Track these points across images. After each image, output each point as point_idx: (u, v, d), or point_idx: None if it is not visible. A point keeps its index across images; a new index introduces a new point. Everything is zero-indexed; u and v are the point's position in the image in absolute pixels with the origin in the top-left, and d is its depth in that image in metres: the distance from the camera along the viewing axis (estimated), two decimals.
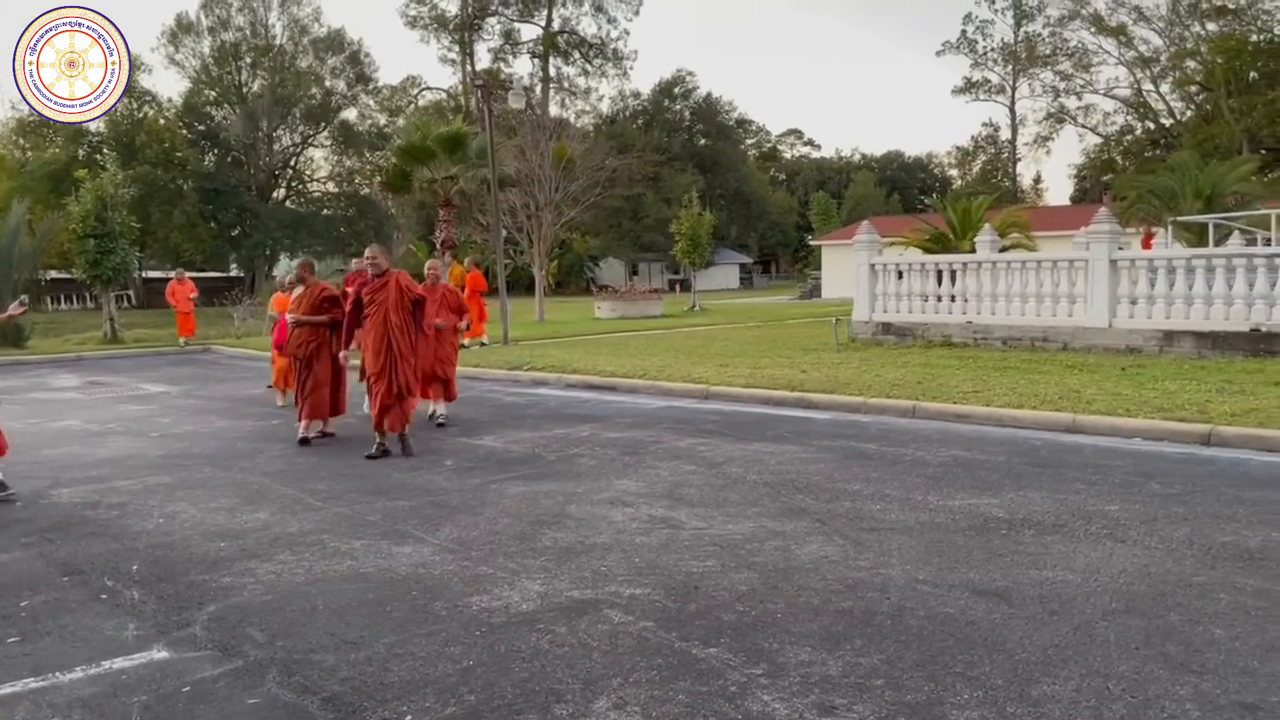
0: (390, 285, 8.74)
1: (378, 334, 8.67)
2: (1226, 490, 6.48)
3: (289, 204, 62.13)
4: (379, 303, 8.69)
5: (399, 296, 8.76)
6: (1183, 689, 3.50)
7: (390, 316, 8.66)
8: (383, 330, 8.66)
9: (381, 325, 8.65)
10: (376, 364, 8.66)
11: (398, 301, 8.74)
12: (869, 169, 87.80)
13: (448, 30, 71.95)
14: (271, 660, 4.02)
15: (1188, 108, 62.11)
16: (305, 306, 9.64)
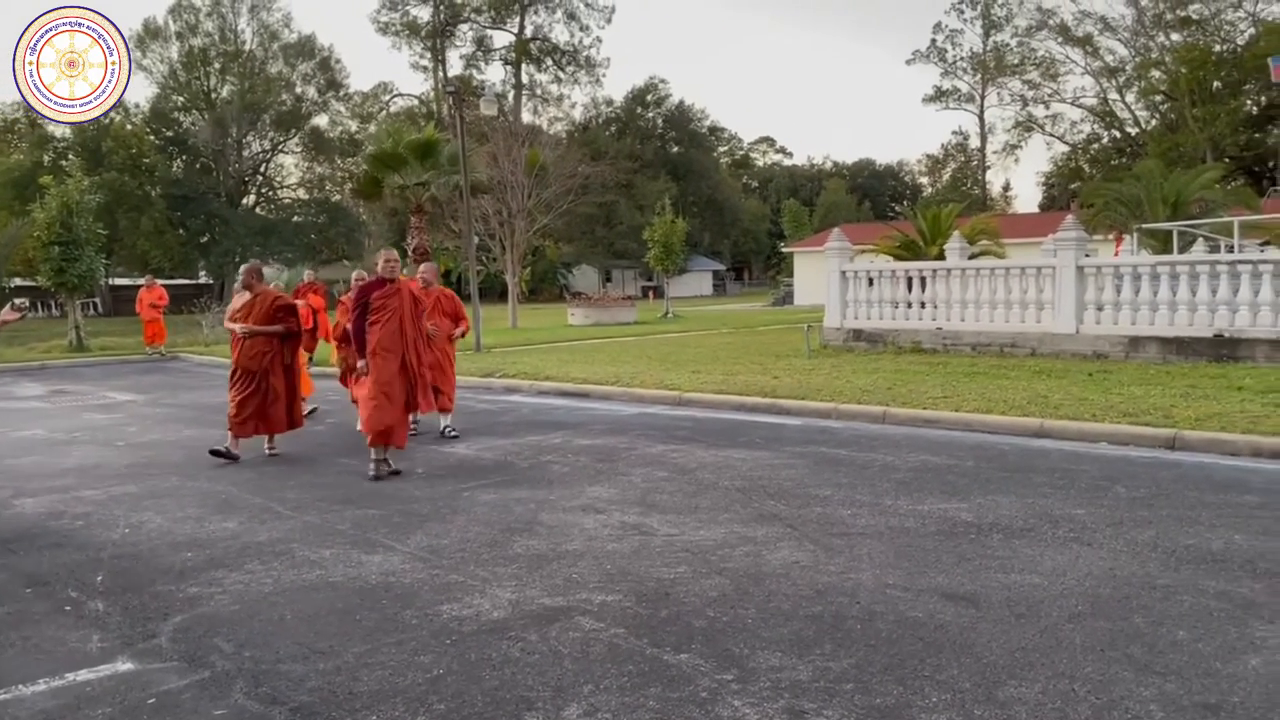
0: (404, 292, 8.25)
1: (389, 343, 8.10)
2: (1190, 494, 6.57)
3: (259, 210, 61.65)
4: (391, 310, 8.12)
5: (413, 305, 8.32)
6: (1147, 690, 3.55)
7: (406, 326, 8.16)
8: (396, 339, 8.12)
9: (396, 334, 8.11)
10: (385, 375, 8.05)
11: (412, 310, 8.29)
12: (840, 176, 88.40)
13: (419, 37, 71.82)
14: (239, 671, 3.98)
15: (1153, 117, 63.00)
16: (258, 315, 9.10)
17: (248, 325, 9.09)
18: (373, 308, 8.11)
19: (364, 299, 8.14)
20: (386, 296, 8.14)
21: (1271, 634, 4.04)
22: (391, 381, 8.07)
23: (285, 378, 9.24)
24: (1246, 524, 5.76)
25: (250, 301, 9.17)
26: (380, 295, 8.14)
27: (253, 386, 9.02)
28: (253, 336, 9.06)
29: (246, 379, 9.05)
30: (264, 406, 9.05)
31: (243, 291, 9.31)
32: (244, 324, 9.09)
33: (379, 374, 8.06)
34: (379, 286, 8.18)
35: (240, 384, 9.06)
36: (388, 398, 8.02)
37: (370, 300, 8.12)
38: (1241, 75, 54.41)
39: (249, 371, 9.05)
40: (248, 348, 9.07)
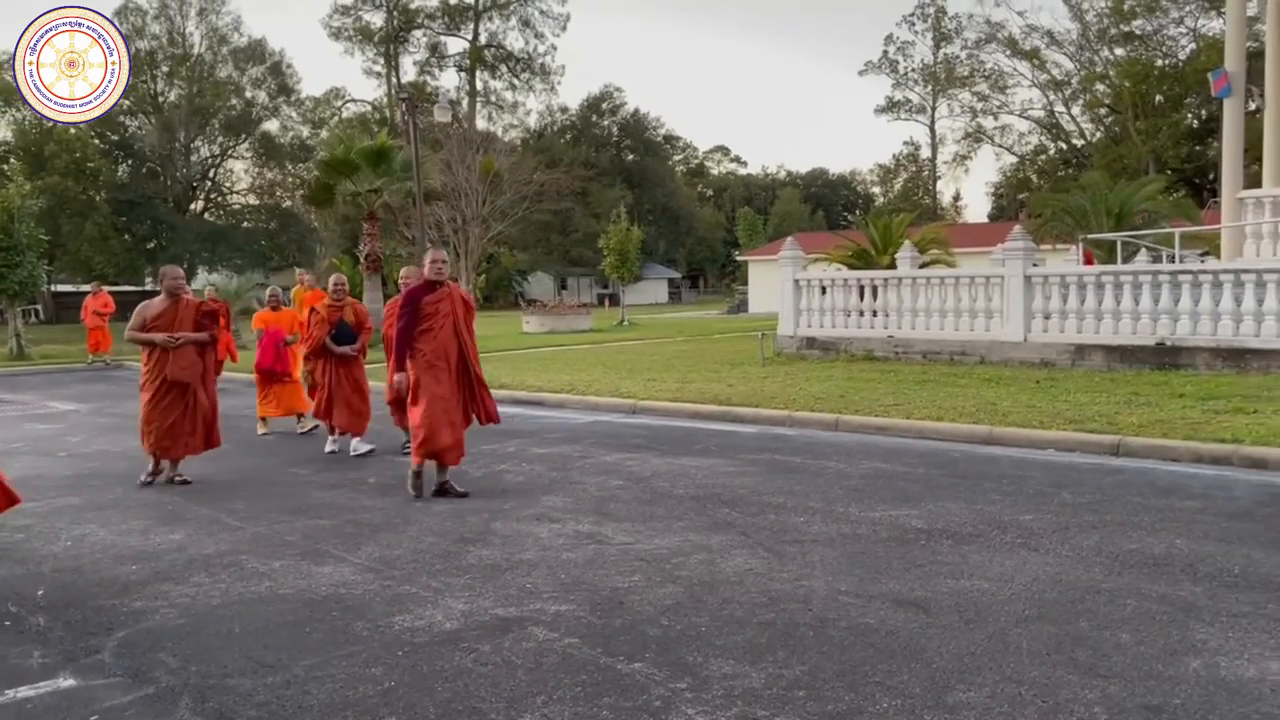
0: (455, 296, 7.47)
1: (444, 353, 7.32)
2: (1133, 499, 6.71)
3: (207, 216, 60.62)
4: (444, 315, 7.35)
5: (465, 310, 7.57)
6: (1091, 693, 3.61)
7: (461, 333, 7.42)
8: (451, 348, 7.36)
9: (450, 342, 7.35)
10: (441, 389, 7.28)
11: (465, 316, 7.54)
12: (794, 186, 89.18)
13: (372, 42, 71.20)
14: (184, 686, 3.91)
15: (1098, 129, 64.35)
16: (187, 323, 8.30)
17: (177, 334, 8.25)
18: (423, 314, 7.33)
19: (414, 305, 7.34)
20: (438, 301, 7.37)
21: (1211, 636, 4.14)
22: (449, 396, 7.34)
23: (209, 392, 8.54)
24: (1187, 528, 5.89)
25: (174, 308, 8.34)
26: (432, 300, 7.35)
27: (184, 402, 8.28)
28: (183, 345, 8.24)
29: (179, 393, 8.27)
30: (195, 423, 8.34)
31: (166, 296, 8.37)
32: (168, 333, 8.20)
33: (434, 388, 7.25)
34: (429, 290, 7.39)
35: (170, 399, 8.23)
36: (446, 414, 7.28)
37: (421, 306, 7.34)
38: (1183, 89, 55.76)
39: (181, 385, 8.26)
40: (179, 358, 8.26)
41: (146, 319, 8.30)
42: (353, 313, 9.97)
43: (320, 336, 9.73)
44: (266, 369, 11.37)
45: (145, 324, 8.29)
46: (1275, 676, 3.72)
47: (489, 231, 36.35)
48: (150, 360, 8.35)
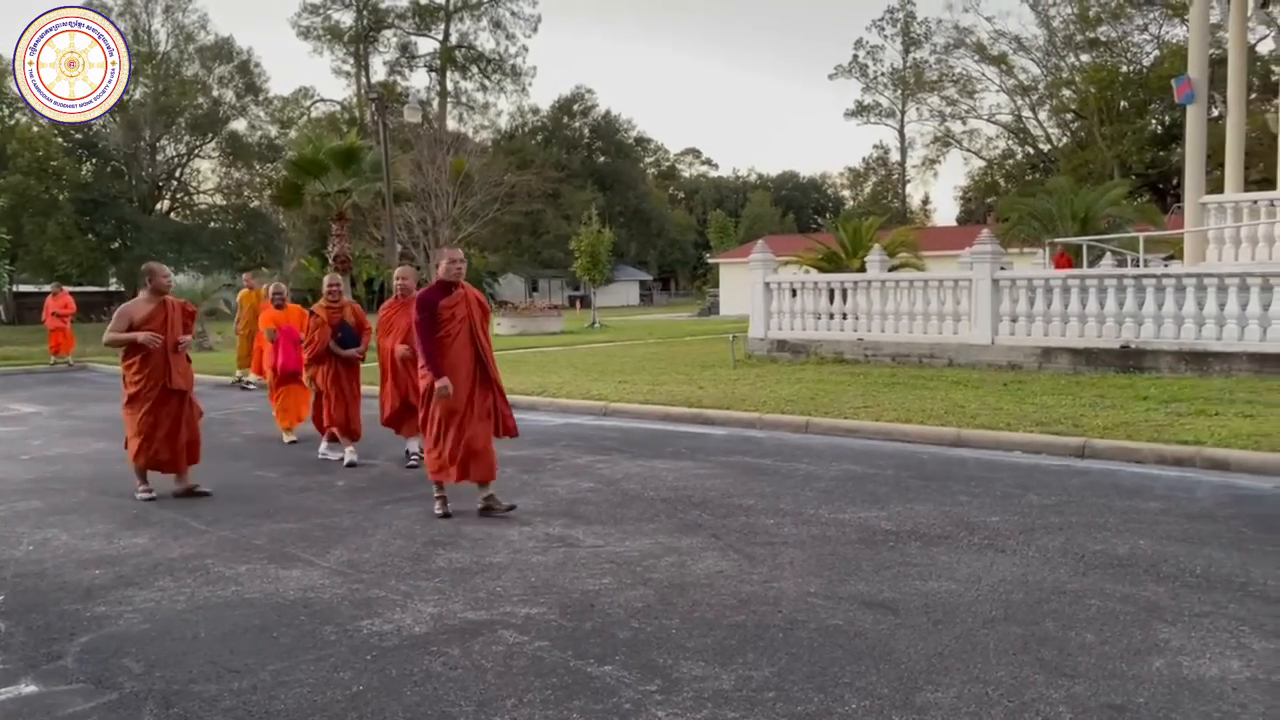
0: (470, 298, 6.91)
1: (466, 359, 6.80)
2: (1098, 500, 6.79)
3: (173, 216, 59.86)
4: (460, 320, 6.79)
5: (482, 314, 7.02)
6: (1056, 692, 3.65)
7: (478, 337, 6.86)
8: (468, 354, 6.80)
9: (467, 348, 6.79)
10: (460, 397, 6.70)
11: (483, 320, 7.01)
12: (765, 188, 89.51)
13: (342, 42, 70.73)
14: (149, 692, 3.86)
15: (1064, 134, 65.11)
16: (178, 324, 7.77)
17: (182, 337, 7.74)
18: (439, 319, 6.74)
19: (429, 309, 6.74)
20: (454, 305, 6.80)
21: (1173, 636, 4.20)
22: (466, 407, 6.74)
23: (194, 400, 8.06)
24: (1151, 529, 5.97)
25: (163, 309, 7.70)
26: (448, 304, 6.77)
27: (181, 412, 7.74)
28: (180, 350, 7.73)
29: (177, 402, 7.71)
30: (192, 432, 7.86)
31: (151, 297, 7.73)
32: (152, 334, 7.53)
33: (449, 400, 6.68)
34: (444, 293, 6.81)
35: (168, 409, 7.65)
36: (462, 429, 6.71)
37: (438, 310, 6.75)
38: (1147, 95, 56.56)
39: (180, 393, 7.73)
40: (179, 364, 7.71)
41: (134, 321, 7.57)
42: (352, 314, 9.47)
43: (323, 340, 9.20)
44: (293, 370, 10.41)
45: (132, 326, 7.55)
46: (1236, 675, 3.78)
47: (459, 233, 36.19)
48: (141, 367, 7.56)
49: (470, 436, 6.70)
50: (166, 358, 7.60)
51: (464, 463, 6.69)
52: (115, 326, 7.58)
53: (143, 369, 7.57)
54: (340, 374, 9.31)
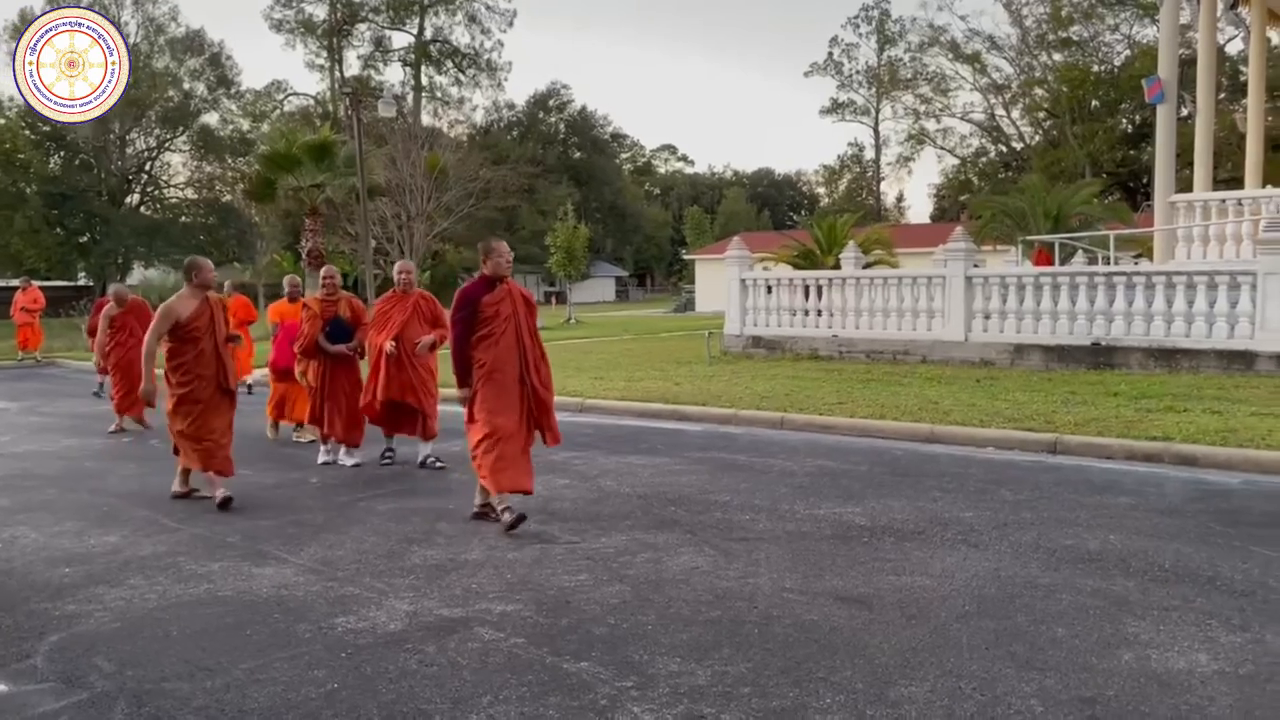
0: (515, 294, 6.39)
1: (506, 363, 6.25)
2: (1069, 496, 6.87)
3: (143, 210, 59.20)
4: (505, 318, 6.25)
5: (528, 311, 6.48)
6: (1028, 686, 3.69)
7: (524, 338, 6.34)
8: (513, 357, 6.28)
9: (512, 350, 6.28)
10: (502, 405, 6.23)
11: (528, 318, 6.45)
12: (740, 185, 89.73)
13: (315, 35, 70.05)
14: (120, 691, 3.82)
15: (1036, 133, 65.60)
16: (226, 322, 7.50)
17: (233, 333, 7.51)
18: (482, 317, 6.24)
19: (471, 307, 6.24)
20: (498, 302, 6.27)
21: (1142, 629, 4.26)
22: (513, 414, 6.27)
23: None
24: (1120, 524, 6.05)
25: (207, 305, 7.27)
26: (491, 301, 6.26)
27: (230, 412, 7.39)
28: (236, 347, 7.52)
29: (229, 403, 7.39)
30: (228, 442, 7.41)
31: (195, 293, 7.26)
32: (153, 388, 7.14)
33: (495, 406, 6.19)
34: (488, 289, 6.29)
35: (220, 410, 7.28)
36: (509, 438, 6.23)
37: (480, 308, 6.24)
38: (1118, 95, 57.11)
39: (230, 394, 7.41)
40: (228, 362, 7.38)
41: (180, 319, 7.09)
42: (348, 307, 8.96)
43: (313, 334, 8.74)
44: (285, 368, 10.09)
45: (180, 325, 7.09)
46: (1204, 668, 3.83)
47: (434, 228, 36.03)
48: (191, 368, 7.13)
49: (515, 444, 6.25)
50: (219, 357, 7.23)
51: (508, 466, 6.24)
52: (158, 327, 7.09)
53: (192, 369, 7.13)
54: (334, 372, 8.80)
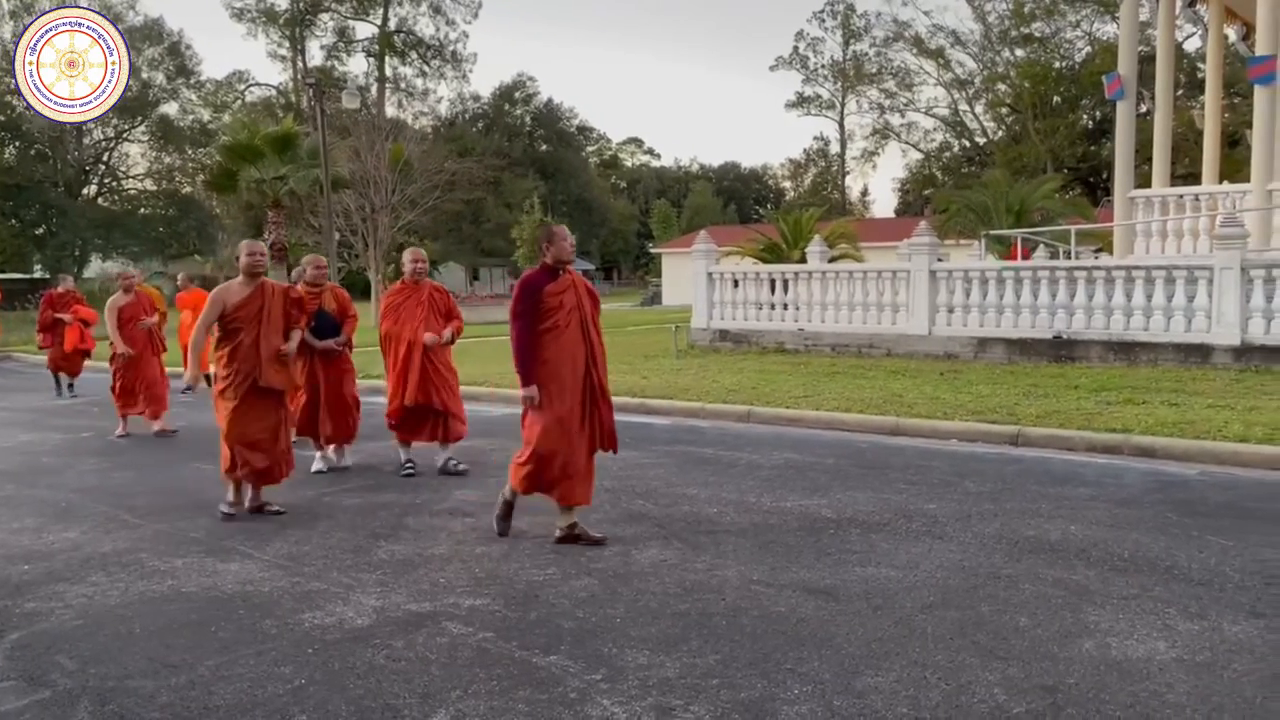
0: (579, 285, 5.80)
1: (578, 357, 5.69)
2: (1032, 487, 6.97)
3: (101, 202, 58.23)
4: (569, 309, 5.68)
5: (593, 305, 5.91)
6: (992, 675, 3.75)
7: (590, 334, 5.79)
8: (581, 351, 5.71)
9: (578, 345, 5.70)
10: (565, 406, 5.64)
11: (593, 311, 5.89)
12: (707, 179, 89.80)
13: (277, 25, 69.13)
14: (83, 689, 3.77)
15: (999, 128, 66.32)
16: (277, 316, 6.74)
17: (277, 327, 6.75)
18: (545, 309, 5.66)
19: (534, 297, 5.64)
20: (561, 292, 5.70)
21: (1102, 618, 4.33)
22: (574, 415, 5.67)
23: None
24: (1081, 515, 6.14)
25: (259, 294, 6.60)
26: (554, 291, 5.68)
27: (275, 414, 6.76)
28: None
29: (271, 404, 6.72)
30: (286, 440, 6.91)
31: (246, 281, 6.62)
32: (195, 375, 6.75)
33: (556, 405, 5.63)
34: (551, 278, 5.73)
35: (258, 410, 6.61)
36: (567, 440, 5.66)
37: (543, 299, 5.66)
38: (1079, 91, 57.89)
39: (275, 394, 6.76)
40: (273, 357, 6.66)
41: (227, 309, 6.52)
42: (333, 299, 8.34)
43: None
44: None
45: (225, 315, 6.53)
46: (1162, 656, 3.91)
47: (399, 220, 35.74)
48: (230, 360, 6.55)
49: (575, 450, 5.70)
50: (258, 350, 6.55)
51: (559, 480, 5.69)
52: (207, 316, 6.55)
53: (231, 363, 6.54)
54: (321, 369, 8.16)
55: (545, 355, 5.64)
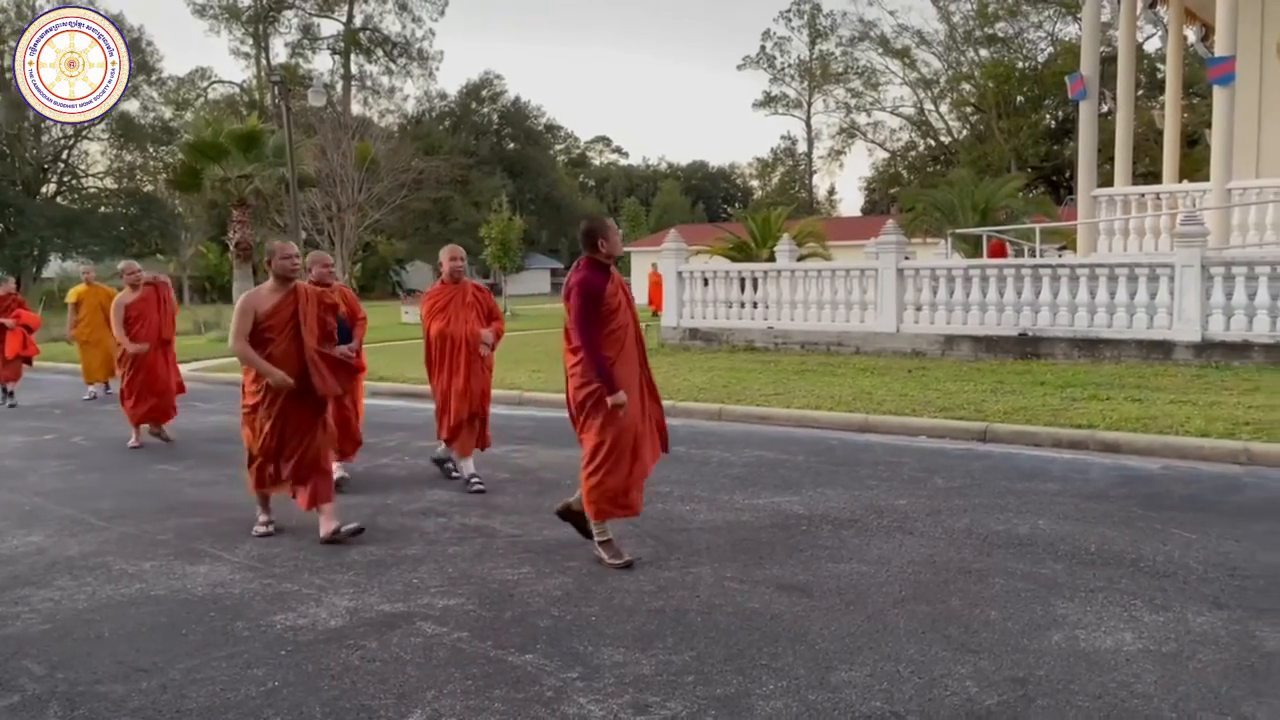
0: (620, 281, 5.42)
1: (636, 361, 5.39)
2: (1000, 483, 7.05)
3: (60, 200, 57.28)
4: (623, 310, 5.32)
5: (629, 302, 5.49)
6: (963, 668, 3.79)
7: (640, 335, 5.47)
8: (638, 354, 5.42)
9: (636, 348, 5.39)
10: (635, 411, 5.30)
11: (634, 309, 5.52)
12: (675, 178, 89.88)
13: (240, 21, 68.40)
14: (52, 694, 3.72)
15: (964, 127, 66.94)
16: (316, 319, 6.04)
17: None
18: (608, 310, 5.22)
19: (595, 300, 5.16)
20: (615, 292, 5.30)
21: (1071, 611, 4.40)
22: (637, 418, 5.33)
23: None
24: (1048, 509, 6.23)
25: (291, 298, 5.91)
26: (611, 291, 5.26)
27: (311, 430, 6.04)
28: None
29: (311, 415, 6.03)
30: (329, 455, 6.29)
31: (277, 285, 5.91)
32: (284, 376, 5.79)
33: (627, 415, 5.25)
34: (605, 277, 5.26)
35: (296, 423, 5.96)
36: (639, 445, 5.35)
37: (604, 300, 5.20)
38: (1042, 91, 58.55)
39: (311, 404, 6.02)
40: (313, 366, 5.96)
41: (258, 316, 5.81)
42: (342, 300, 7.39)
43: None
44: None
45: (257, 324, 5.81)
46: (1129, 647, 3.98)
47: (365, 219, 35.54)
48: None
49: (646, 455, 5.40)
50: (294, 360, 5.88)
51: (630, 489, 5.34)
52: (240, 327, 5.79)
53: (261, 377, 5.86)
54: None
55: (611, 359, 5.21)
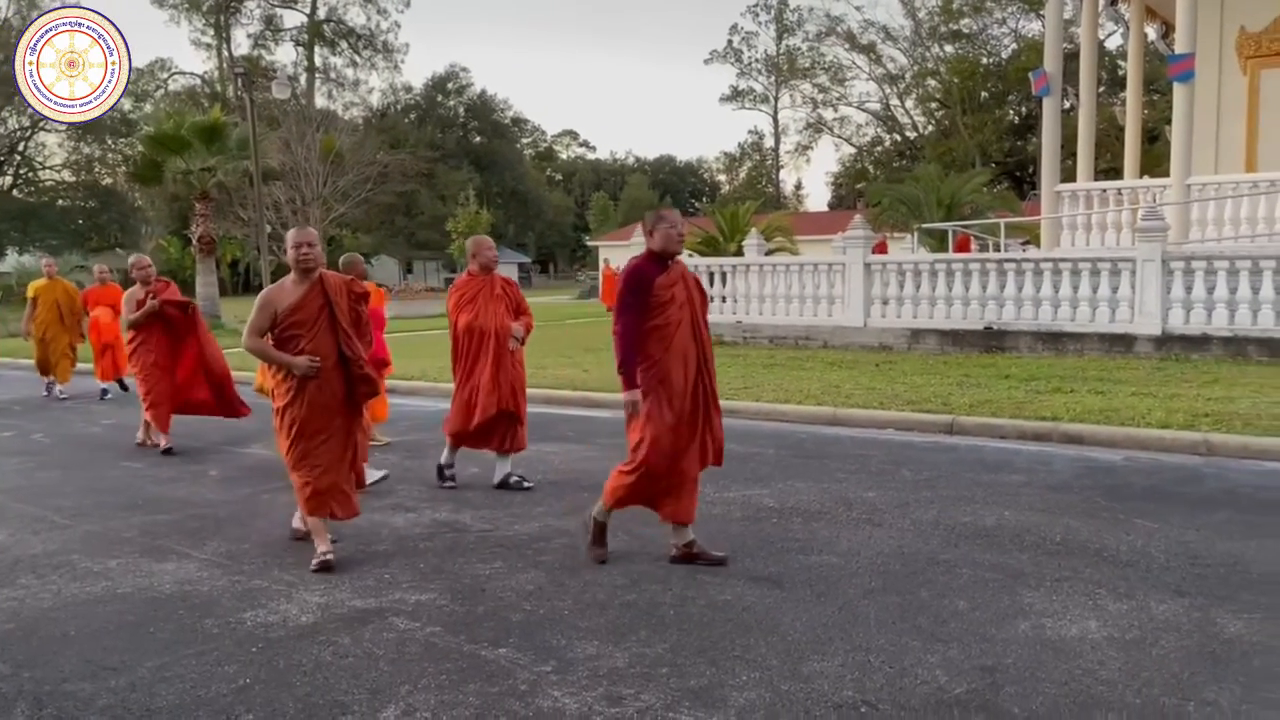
0: (688, 278, 5.14)
1: (691, 357, 5.05)
2: (966, 475, 7.14)
3: (16, 194, 56.23)
4: (680, 304, 5.01)
5: (702, 300, 5.19)
6: (933, 657, 3.85)
7: (701, 333, 5.11)
8: (693, 353, 5.05)
9: (690, 345, 5.04)
10: (678, 411, 4.99)
11: (702, 308, 5.18)
12: (643, 172, 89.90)
13: (200, 12, 67.44)
14: (19, 694, 3.68)
15: (929, 122, 67.53)
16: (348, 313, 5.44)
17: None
18: (655, 303, 4.97)
19: (642, 290, 4.95)
20: (672, 285, 5.02)
21: (1037, 600, 4.47)
22: (684, 425, 5.03)
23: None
24: (1014, 501, 6.32)
25: (316, 291, 5.33)
26: (665, 283, 4.99)
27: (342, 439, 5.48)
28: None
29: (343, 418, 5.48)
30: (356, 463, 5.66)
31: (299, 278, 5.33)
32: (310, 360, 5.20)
33: (668, 412, 4.98)
34: (659, 268, 5.04)
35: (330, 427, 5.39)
36: (680, 450, 5.04)
37: (653, 290, 4.97)
38: (1006, 87, 59.25)
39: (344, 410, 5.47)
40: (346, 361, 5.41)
41: (279, 311, 5.26)
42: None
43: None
44: (383, 358, 8.47)
45: (280, 317, 5.25)
46: (1094, 635, 4.05)
47: (330, 213, 35.20)
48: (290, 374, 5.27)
49: (688, 462, 5.08)
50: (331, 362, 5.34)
51: (667, 495, 5.12)
52: (256, 323, 5.27)
53: (290, 376, 5.27)
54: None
55: (653, 355, 4.97)
